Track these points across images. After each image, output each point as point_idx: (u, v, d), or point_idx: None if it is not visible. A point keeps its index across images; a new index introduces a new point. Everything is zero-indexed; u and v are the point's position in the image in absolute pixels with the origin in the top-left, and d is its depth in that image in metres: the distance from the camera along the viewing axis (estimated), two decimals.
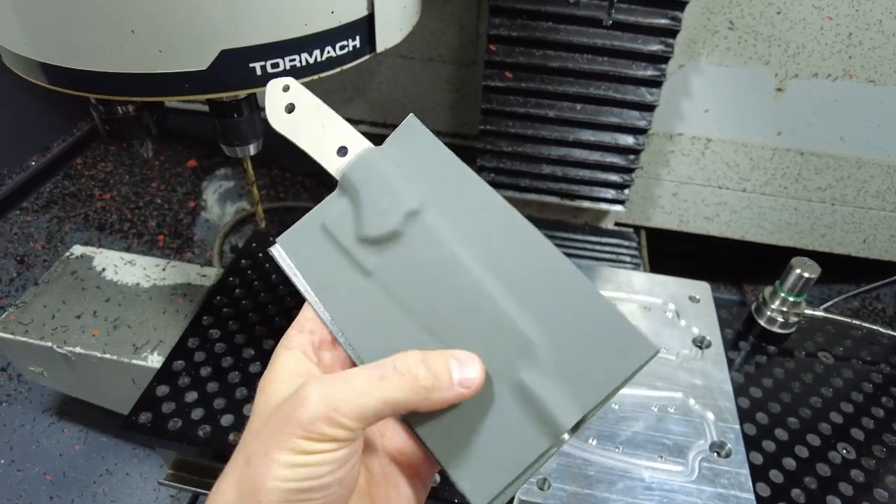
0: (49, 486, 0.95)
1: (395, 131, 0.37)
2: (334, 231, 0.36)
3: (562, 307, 0.32)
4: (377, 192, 0.35)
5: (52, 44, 0.46)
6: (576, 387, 0.31)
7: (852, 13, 0.91)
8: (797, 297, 0.77)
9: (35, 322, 0.83)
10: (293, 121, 0.37)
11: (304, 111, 0.37)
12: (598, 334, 0.32)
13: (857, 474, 0.64)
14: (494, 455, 0.32)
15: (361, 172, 0.35)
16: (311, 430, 0.27)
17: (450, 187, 0.35)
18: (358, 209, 0.35)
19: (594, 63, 0.91)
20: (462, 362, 0.30)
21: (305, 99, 0.37)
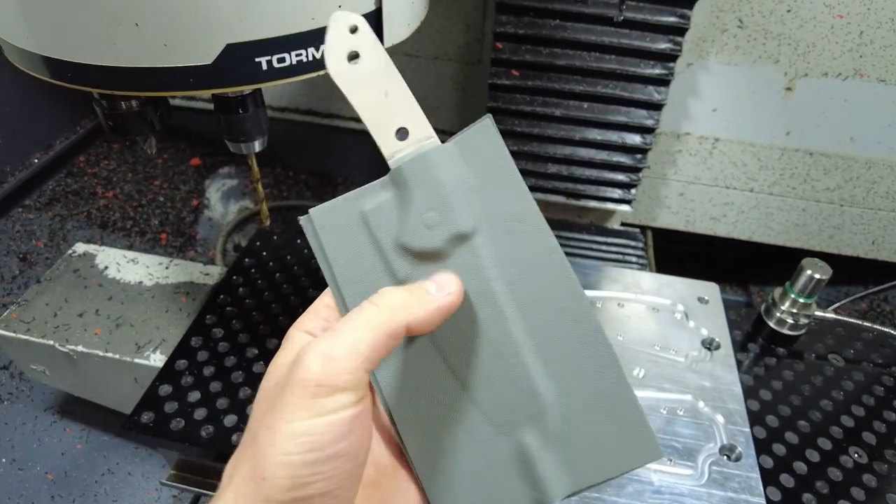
0: (50, 485, 0.94)
1: (468, 132, 0.33)
2: (373, 225, 0.32)
3: (585, 382, 0.31)
4: (430, 201, 0.31)
5: (55, 37, 0.45)
6: (574, 465, 0.31)
7: (863, 11, 0.90)
8: (807, 299, 0.76)
9: (37, 320, 0.83)
10: (353, 74, 0.31)
11: (370, 67, 0.31)
12: (611, 422, 0.31)
13: (870, 479, 0.63)
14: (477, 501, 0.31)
15: (419, 173, 0.31)
16: (310, 386, 0.25)
17: (507, 214, 0.32)
18: (404, 212, 0.32)
19: (601, 61, 0.90)
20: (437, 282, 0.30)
21: (374, 52, 0.31)
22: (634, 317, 0.75)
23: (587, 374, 0.31)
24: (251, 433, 0.27)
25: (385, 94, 0.31)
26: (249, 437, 0.27)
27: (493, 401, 0.32)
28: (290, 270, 0.86)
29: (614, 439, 0.31)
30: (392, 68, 0.32)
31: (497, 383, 0.32)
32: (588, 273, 0.81)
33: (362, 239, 0.32)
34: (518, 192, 0.32)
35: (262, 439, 0.26)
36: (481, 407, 0.32)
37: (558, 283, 0.32)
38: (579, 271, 0.81)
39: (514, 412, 0.31)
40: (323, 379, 0.25)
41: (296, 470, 0.25)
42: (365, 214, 0.32)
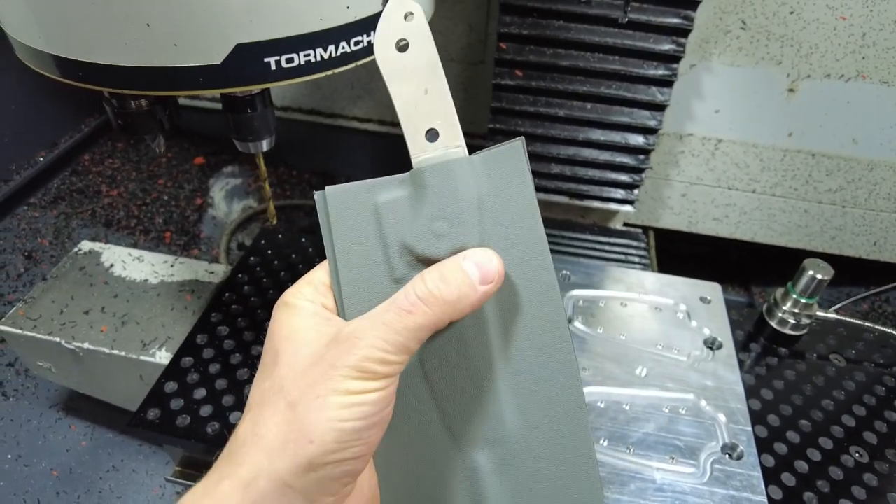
0: (55, 482, 0.95)
1: (497, 150, 0.32)
2: (383, 218, 0.32)
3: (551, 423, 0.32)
4: (444, 210, 0.31)
5: (66, 37, 0.46)
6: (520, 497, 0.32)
7: (866, 13, 0.90)
8: (809, 299, 0.77)
9: (43, 317, 0.83)
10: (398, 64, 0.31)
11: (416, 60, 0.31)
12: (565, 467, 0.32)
13: (871, 478, 0.64)
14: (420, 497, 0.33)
15: (440, 180, 0.31)
16: (363, 369, 0.28)
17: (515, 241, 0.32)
18: (416, 214, 0.32)
19: (605, 62, 0.90)
20: (479, 263, 0.30)
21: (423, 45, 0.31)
22: (637, 316, 0.76)
23: (554, 416, 0.32)
24: (286, 398, 0.29)
25: (425, 91, 0.31)
26: (282, 402, 0.29)
27: (459, 415, 0.32)
28: (294, 269, 0.87)
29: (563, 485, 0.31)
30: (438, 66, 0.31)
31: (466, 400, 0.32)
32: (591, 273, 0.81)
33: (370, 228, 0.33)
34: (531, 222, 0.32)
35: (311, 406, 0.28)
36: (446, 418, 0.33)
37: (548, 322, 0.32)
38: (582, 271, 0.81)
39: (475, 431, 0.32)
40: (373, 366, 0.28)
41: (345, 435, 0.28)
42: (378, 206, 0.32)
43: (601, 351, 0.71)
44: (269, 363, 0.31)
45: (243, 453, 0.28)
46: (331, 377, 0.28)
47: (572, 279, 0.80)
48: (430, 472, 0.33)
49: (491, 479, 0.32)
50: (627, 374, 0.69)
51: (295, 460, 0.27)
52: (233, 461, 0.29)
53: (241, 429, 0.30)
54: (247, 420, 0.30)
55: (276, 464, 0.28)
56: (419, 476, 0.33)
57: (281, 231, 0.93)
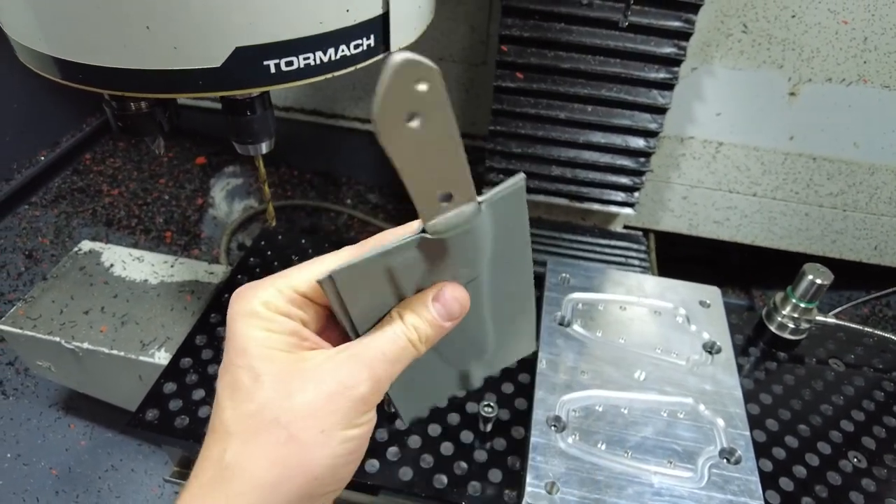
0: (55, 481, 0.95)
1: (503, 191, 0.32)
2: (398, 275, 0.32)
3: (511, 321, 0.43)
4: (466, 261, 0.33)
5: (67, 39, 0.46)
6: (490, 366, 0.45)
7: (868, 17, 0.90)
8: (809, 304, 0.77)
9: (43, 317, 0.83)
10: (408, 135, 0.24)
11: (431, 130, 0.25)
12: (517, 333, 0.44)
13: (869, 483, 0.64)
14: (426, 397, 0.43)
15: (461, 241, 0.31)
16: (368, 403, 0.30)
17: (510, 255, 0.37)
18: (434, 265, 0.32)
19: (606, 65, 0.90)
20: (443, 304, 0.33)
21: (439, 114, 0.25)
22: (636, 320, 0.76)
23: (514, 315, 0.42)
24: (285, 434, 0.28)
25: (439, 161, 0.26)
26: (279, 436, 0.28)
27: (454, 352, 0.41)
28: None
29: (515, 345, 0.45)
30: (455, 132, 0.26)
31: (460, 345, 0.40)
32: (591, 276, 0.81)
33: (382, 286, 0.32)
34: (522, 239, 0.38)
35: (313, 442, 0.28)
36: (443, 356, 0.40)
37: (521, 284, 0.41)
38: (582, 274, 0.81)
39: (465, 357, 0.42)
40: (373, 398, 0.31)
41: (342, 467, 0.30)
42: (392, 269, 0.31)
43: (600, 354, 0.71)
44: (245, 382, 0.29)
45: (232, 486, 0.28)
46: (333, 413, 0.29)
47: (572, 282, 0.80)
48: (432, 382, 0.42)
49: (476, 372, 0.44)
50: (626, 378, 0.69)
51: (289, 497, 0.28)
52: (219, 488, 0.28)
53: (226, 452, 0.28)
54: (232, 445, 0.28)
55: (269, 499, 0.28)
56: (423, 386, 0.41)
57: (281, 232, 0.93)
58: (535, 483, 0.58)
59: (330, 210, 1.47)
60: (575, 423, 0.64)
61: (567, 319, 0.75)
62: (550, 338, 0.72)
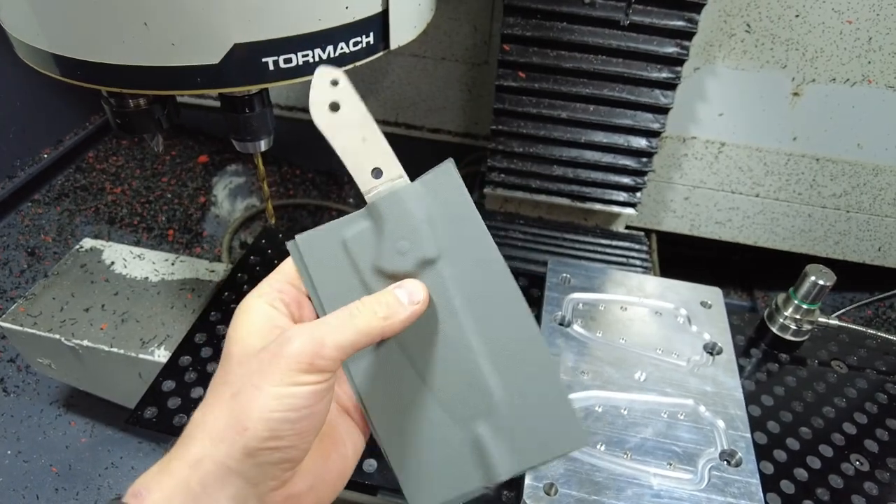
0: (55, 478, 0.95)
1: (432, 174, 0.37)
2: (353, 251, 0.37)
3: (527, 380, 0.37)
4: (401, 231, 0.36)
5: (66, 36, 0.46)
6: (518, 450, 0.37)
7: (873, 17, 0.90)
8: (811, 305, 0.76)
9: (44, 314, 0.84)
10: (334, 121, 0.35)
11: (349, 116, 0.35)
12: (547, 413, 0.37)
13: (871, 486, 0.63)
14: (438, 478, 0.38)
15: (391, 207, 0.36)
16: (300, 362, 0.31)
17: (466, 243, 0.37)
18: (379, 240, 0.37)
19: (608, 64, 0.90)
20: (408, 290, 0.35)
21: (352, 103, 0.35)
22: (637, 320, 0.75)
23: (529, 375, 0.37)
24: (231, 390, 0.32)
25: (362, 140, 0.36)
26: (227, 393, 0.32)
27: (452, 396, 0.38)
28: None
29: (550, 430, 0.37)
30: (368, 117, 0.36)
31: (454, 381, 0.37)
32: (592, 276, 0.81)
33: (343, 262, 0.37)
34: (474, 224, 0.37)
35: (247, 396, 0.31)
36: (441, 401, 0.38)
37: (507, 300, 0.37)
38: (583, 274, 0.81)
39: (469, 406, 0.38)
40: (312, 359, 0.31)
41: (275, 424, 0.30)
42: (346, 241, 0.37)
43: (600, 355, 0.71)
44: (223, 363, 0.34)
45: (192, 437, 0.31)
46: (267, 371, 0.31)
47: (573, 282, 0.80)
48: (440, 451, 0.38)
49: (492, 443, 0.37)
50: (626, 379, 0.68)
51: (233, 446, 0.30)
52: (184, 444, 0.31)
53: (193, 418, 0.33)
54: (199, 411, 0.33)
55: (218, 447, 0.30)
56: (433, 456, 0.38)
57: (282, 230, 0.93)
58: (534, 484, 0.58)
59: (332, 209, 1.47)
60: None
61: (567, 319, 0.75)
62: (551, 338, 0.72)
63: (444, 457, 0.38)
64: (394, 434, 0.38)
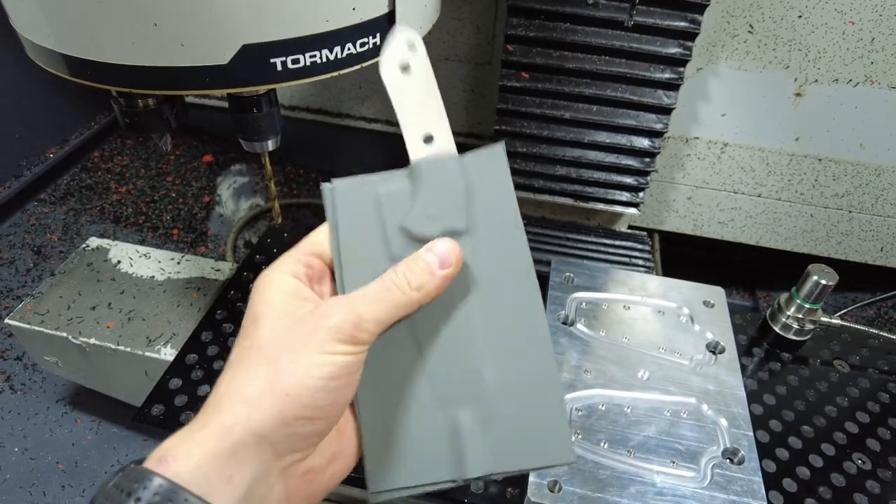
0: (61, 475, 0.96)
1: (481, 151, 0.37)
2: (384, 206, 0.37)
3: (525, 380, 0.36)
4: (436, 197, 0.37)
5: (75, 36, 0.46)
6: (497, 450, 0.35)
7: (876, 18, 0.90)
8: (813, 305, 0.76)
9: (51, 312, 0.84)
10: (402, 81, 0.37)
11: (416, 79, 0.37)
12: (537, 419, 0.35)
13: (873, 485, 0.64)
14: (404, 462, 0.36)
15: (433, 173, 0.37)
16: (341, 333, 0.32)
17: (497, 227, 0.37)
18: (413, 201, 0.37)
19: (611, 65, 0.90)
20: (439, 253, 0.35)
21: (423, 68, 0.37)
22: (640, 319, 0.76)
23: (528, 374, 0.36)
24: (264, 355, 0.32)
25: (423, 105, 0.37)
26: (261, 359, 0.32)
27: (444, 374, 0.36)
28: None
29: (536, 437, 0.35)
30: (434, 85, 0.37)
31: (450, 360, 0.36)
32: (595, 275, 0.81)
33: (371, 214, 0.37)
34: (509, 211, 0.37)
35: (288, 363, 0.31)
36: (432, 376, 0.37)
37: (523, 294, 0.36)
38: (586, 273, 0.82)
39: (457, 389, 0.36)
40: (353, 331, 0.32)
41: (315, 392, 0.31)
42: (379, 196, 0.37)
43: (603, 353, 0.71)
44: (248, 326, 0.34)
45: (222, 403, 0.31)
46: (308, 340, 0.31)
47: (576, 281, 0.80)
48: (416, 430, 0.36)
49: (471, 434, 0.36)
50: (629, 377, 0.69)
51: (271, 412, 0.30)
52: (212, 410, 0.31)
53: (221, 383, 0.32)
54: (226, 375, 0.32)
55: (253, 414, 0.30)
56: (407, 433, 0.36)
57: (287, 230, 0.94)
58: (538, 481, 0.58)
59: None
60: (578, 422, 0.64)
61: (571, 318, 0.75)
62: (554, 337, 0.73)
63: (419, 439, 0.36)
64: (375, 402, 0.36)
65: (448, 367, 0.36)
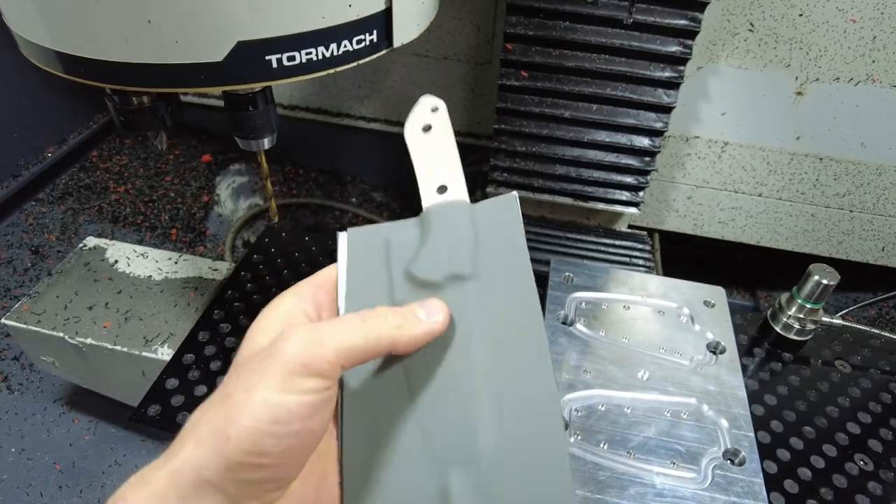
0: (58, 476, 0.96)
1: (495, 201, 0.38)
2: (393, 250, 0.37)
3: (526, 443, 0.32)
4: (443, 241, 0.36)
5: (69, 33, 0.46)
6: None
7: (877, 16, 0.89)
8: (815, 304, 0.76)
9: (48, 312, 0.84)
10: (422, 141, 0.39)
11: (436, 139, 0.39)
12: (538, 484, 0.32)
13: (875, 486, 0.63)
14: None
15: (443, 218, 0.37)
16: (294, 362, 0.27)
17: (504, 275, 0.36)
18: (421, 246, 0.37)
19: (611, 63, 0.90)
20: (427, 307, 0.33)
21: (443, 129, 0.39)
22: (640, 319, 0.75)
23: (530, 435, 0.32)
24: (225, 392, 0.28)
25: (439, 158, 0.39)
26: (224, 393, 0.28)
27: (437, 429, 0.33)
28: (297, 267, 0.87)
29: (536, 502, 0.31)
30: (452, 141, 0.39)
31: (445, 412, 0.33)
32: (595, 275, 0.81)
33: (378, 259, 0.37)
34: (518, 260, 0.36)
35: (237, 400, 0.27)
36: (424, 429, 0.33)
37: (530, 347, 0.34)
38: (586, 273, 0.81)
39: (450, 447, 0.33)
40: (306, 360, 0.28)
41: (259, 437, 0.27)
42: (389, 241, 0.38)
43: (603, 353, 0.71)
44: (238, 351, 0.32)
45: (178, 443, 0.28)
46: (260, 373, 0.28)
47: (575, 281, 0.80)
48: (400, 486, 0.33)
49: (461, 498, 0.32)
50: (629, 378, 0.68)
51: (213, 456, 0.27)
52: (170, 450, 0.28)
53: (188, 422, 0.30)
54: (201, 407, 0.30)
55: (198, 454, 0.27)
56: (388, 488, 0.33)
57: (285, 229, 0.93)
58: None
59: (335, 208, 1.47)
60: (577, 423, 0.63)
61: (570, 318, 0.75)
62: (553, 337, 0.72)
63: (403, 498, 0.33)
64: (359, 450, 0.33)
65: (442, 421, 0.33)
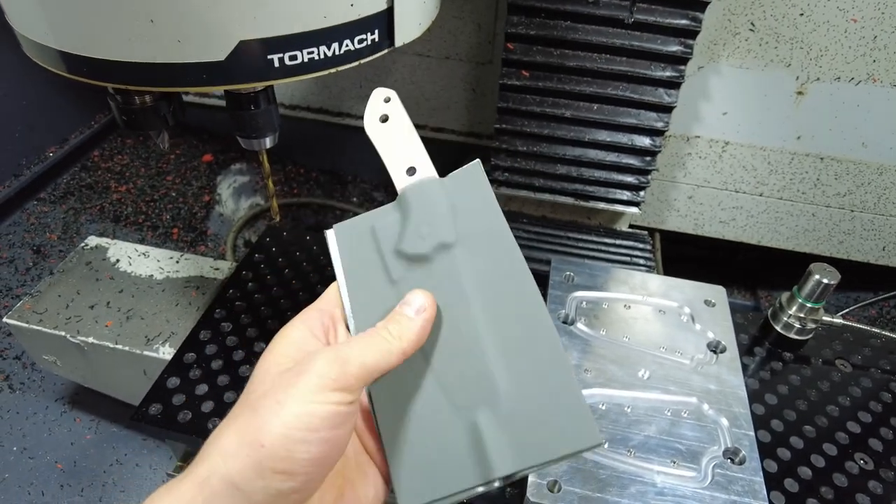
0: (60, 475, 0.96)
1: (459, 171, 0.41)
2: (379, 236, 0.41)
3: (537, 373, 0.36)
4: (424, 217, 0.39)
5: (72, 32, 0.46)
6: (520, 446, 0.35)
7: (878, 16, 0.90)
8: (815, 304, 0.76)
9: (49, 311, 0.84)
10: (382, 130, 0.42)
11: (395, 126, 0.42)
12: (557, 409, 0.35)
13: (875, 485, 0.63)
14: (431, 474, 0.36)
15: (418, 196, 0.40)
16: (324, 378, 0.31)
17: (485, 235, 0.39)
18: (404, 226, 0.40)
19: (612, 63, 0.90)
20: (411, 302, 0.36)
21: (399, 116, 0.42)
22: (641, 319, 0.75)
23: (540, 366, 0.36)
24: (249, 407, 0.31)
25: (403, 145, 0.42)
26: (247, 410, 0.31)
27: (455, 382, 0.37)
28: (299, 266, 0.87)
29: (559, 426, 0.35)
30: (411, 128, 0.42)
31: (460, 367, 0.37)
32: (595, 274, 0.81)
33: (368, 248, 0.41)
34: (494, 218, 0.39)
35: (267, 411, 0.30)
36: (444, 386, 0.37)
37: (521, 291, 0.38)
38: (587, 272, 0.81)
39: (471, 394, 0.37)
40: (335, 376, 0.31)
41: (292, 444, 0.29)
42: (374, 228, 0.41)
43: (604, 353, 0.71)
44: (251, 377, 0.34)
45: (204, 454, 0.30)
46: (289, 388, 0.30)
47: (576, 280, 0.80)
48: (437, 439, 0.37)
49: (491, 435, 0.36)
50: (630, 377, 0.68)
51: (245, 462, 0.29)
52: (195, 463, 0.30)
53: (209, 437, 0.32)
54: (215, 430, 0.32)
55: (228, 464, 0.29)
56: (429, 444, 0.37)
57: (287, 229, 0.94)
58: (538, 481, 0.58)
59: (336, 208, 1.47)
60: None
61: (571, 318, 0.75)
62: None
63: (441, 449, 0.36)
64: (394, 421, 0.37)
65: (458, 372, 0.37)
